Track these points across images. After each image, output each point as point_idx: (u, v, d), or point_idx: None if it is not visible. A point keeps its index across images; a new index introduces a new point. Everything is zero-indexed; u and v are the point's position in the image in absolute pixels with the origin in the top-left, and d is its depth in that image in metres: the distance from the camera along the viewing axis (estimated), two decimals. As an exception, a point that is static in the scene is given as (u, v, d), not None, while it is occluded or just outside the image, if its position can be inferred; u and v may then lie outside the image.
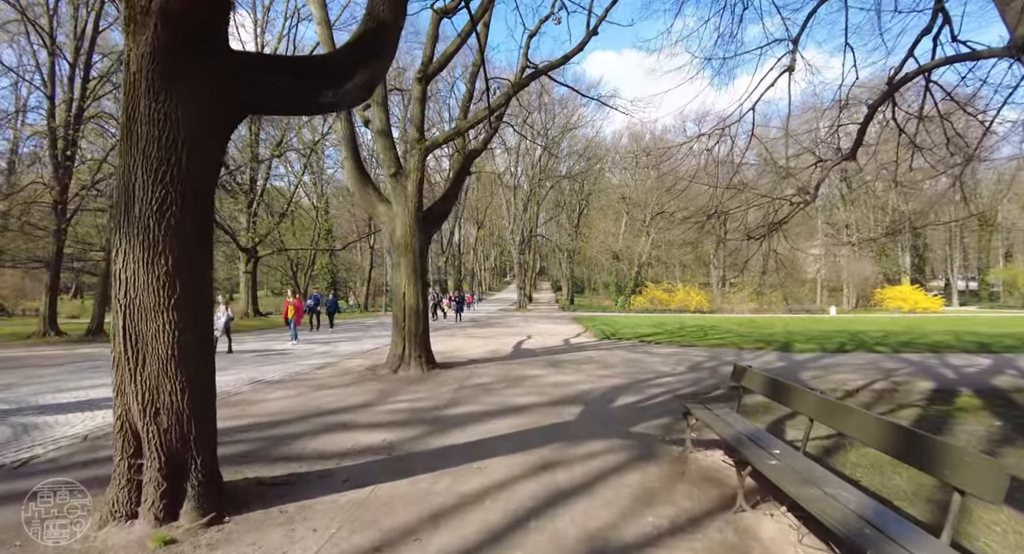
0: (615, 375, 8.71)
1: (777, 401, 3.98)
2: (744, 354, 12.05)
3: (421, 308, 9.07)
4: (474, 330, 19.42)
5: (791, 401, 3.72)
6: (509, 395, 7.04)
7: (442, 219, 10.21)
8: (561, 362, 10.26)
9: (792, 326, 24.39)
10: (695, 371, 9.26)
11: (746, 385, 4.55)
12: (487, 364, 9.94)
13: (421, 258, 9.23)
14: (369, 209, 9.58)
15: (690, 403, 4.94)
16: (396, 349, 9.03)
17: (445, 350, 12.27)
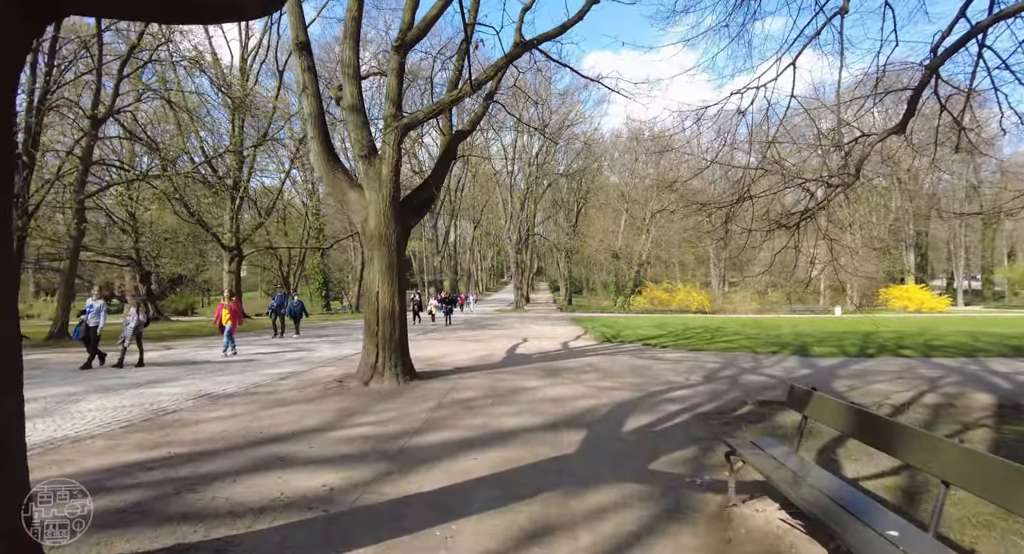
0: (621, 387, 7.51)
1: (870, 444, 2.76)
2: (761, 359, 10.87)
3: (398, 310, 7.85)
4: (466, 333, 18.21)
5: (901, 447, 2.49)
6: (496, 415, 5.83)
7: (423, 208, 9.00)
8: (559, 370, 9.05)
9: (800, 327, 23.27)
10: (712, 381, 8.07)
11: (812, 415, 3.33)
12: (475, 373, 8.73)
13: (398, 252, 8.02)
14: (339, 196, 8.37)
15: (731, 437, 3.74)
16: (368, 357, 7.81)
17: (430, 357, 11.06)
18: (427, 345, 13.61)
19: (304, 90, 8.60)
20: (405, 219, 8.39)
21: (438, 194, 9.16)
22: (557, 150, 52.81)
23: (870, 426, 2.73)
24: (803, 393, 3.43)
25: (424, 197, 8.79)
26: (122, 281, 43.23)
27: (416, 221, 8.99)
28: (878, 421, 2.70)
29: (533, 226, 54.61)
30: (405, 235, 8.38)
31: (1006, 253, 60.84)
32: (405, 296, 8.16)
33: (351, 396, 6.97)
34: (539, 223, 61.51)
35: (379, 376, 7.65)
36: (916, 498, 3.56)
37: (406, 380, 7.75)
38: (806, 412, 3.36)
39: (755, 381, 8.11)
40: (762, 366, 9.82)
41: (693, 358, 11.03)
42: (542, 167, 49.03)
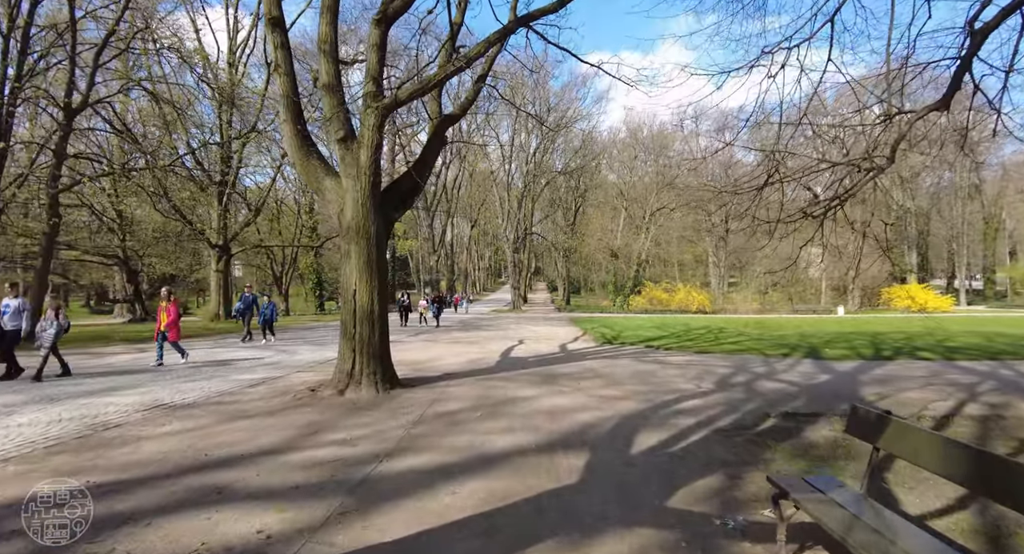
0: (626, 395, 6.73)
1: (993, 498, 1.98)
2: (773, 363, 10.11)
3: (377, 310, 7.06)
4: (460, 334, 17.41)
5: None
6: (485, 432, 5.04)
7: (408, 200, 8.20)
8: (557, 376, 8.27)
9: (803, 327, 22.56)
10: (726, 388, 7.30)
11: (889, 448, 2.54)
12: (464, 380, 7.93)
13: (378, 247, 7.22)
14: (314, 184, 7.57)
15: (781, 479, 2.95)
16: (344, 364, 7.01)
17: (417, 361, 10.27)
18: (416, 348, 12.82)
19: (277, 69, 7.79)
20: (387, 210, 7.60)
21: (424, 183, 8.36)
22: (555, 148, 52.14)
23: (995, 473, 1.94)
24: (874, 419, 2.64)
25: (409, 186, 8.00)
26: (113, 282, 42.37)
27: (400, 213, 8.19)
28: (1012, 469, 1.91)
29: (531, 225, 53.84)
30: (387, 228, 7.58)
31: (1008, 252, 60.32)
32: (386, 295, 7.36)
33: (321, 407, 6.17)
34: (537, 222, 60.72)
35: (355, 384, 6.86)
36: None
37: (386, 389, 6.95)
38: (879, 443, 2.57)
39: (772, 389, 7.34)
40: (776, 371, 9.06)
41: (700, 362, 10.26)
42: (540, 165, 48.25)
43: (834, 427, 5.35)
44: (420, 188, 8.33)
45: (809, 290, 48.81)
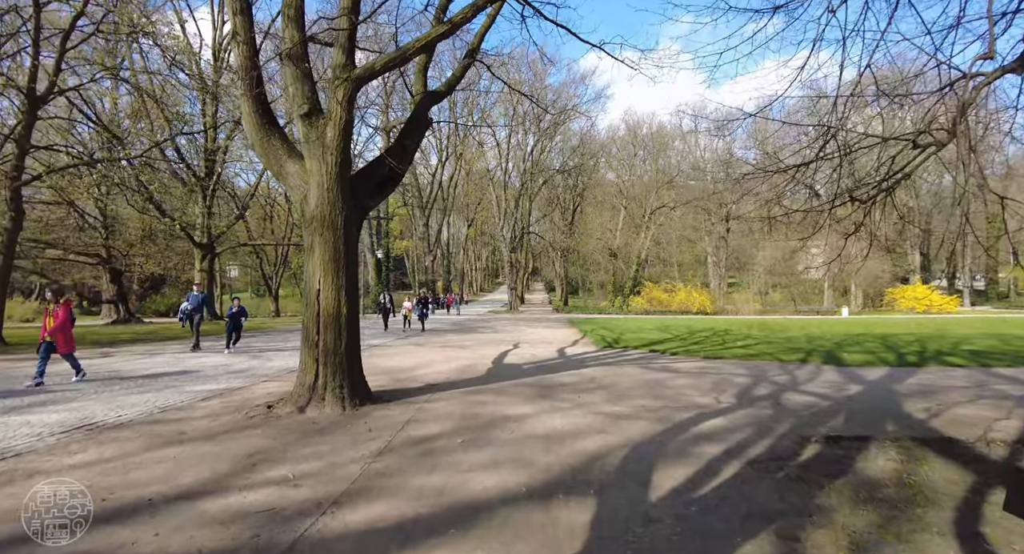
0: (635, 413, 5.75)
1: None
2: (792, 370, 9.15)
3: (345, 313, 6.06)
4: (452, 337, 16.41)
5: None
6: (464, 468, 4.04)
7: (385, 187, 7.19)
8: (555, 388, 7.27)
9: (809, 329, 21.70)
10: (749, 403, 6.32)
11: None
12: (449, 393, 6.92)
13: (347, 239, 6.23)
14: (275, 168, 6.57)
15: None
16: (305, 376, 6.01)
17: (399, 369, 9.26)
18: (401, 354, 11.81)
19: (235, 37, 6.78)
20: (359, 198, 6.60)
21: (404, 169, 7.37)
22: (552, 147, 51.16)
23: None
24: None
25: (385, 172, 7.00)
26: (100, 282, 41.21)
27: (375, 202, 7.18)
28: None
29: (528, 224, 52.85)
30: (358, 218, 6.58)
31: (1011, 252, 59.54)
32: (356, 296, 6.36)
33: (273, 429, 5.17)
34: (534, 222, 59.76)
35: (318, 400, 5.86)
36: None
37: (354, 405, 5.95)
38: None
39: (802, 403, 6.37)
40: (799, 380, 8.10)
41: (713, 369, 9.29)
42: (537, 164, 47.27)
43: (891, 455, 4.39)
44: (399, 175, 7.33)
45: (811, 291, 47.99)
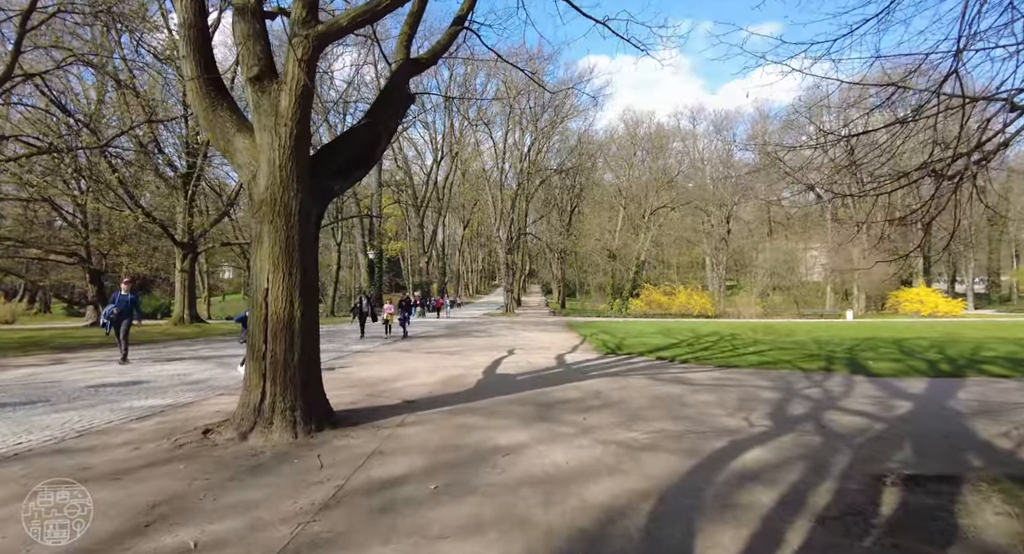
0: (656, 443, 4.67)
1: None
2: (821, 382, 8.11)
3: (299, 319, 4.96)
4: (444, 342, 15.32)
5: None
6: (435, 532, 2.95)
7: (355, 170, 6.09)
8: (554, 406, 6.18)
9: (816, 333, 20.77)
10: (789, 427, 5.25)
11: None
12: (429, 414, 5.82)
13: (302, 229, 5.13)
14: (222, 145, 5.49)
15: None
16: (250, 395, 4.91)
17: (377, 380, 8.15)
18: (384, 361, 10.71)
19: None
20: (321, 180, 5.51)
21: (378, 150, 6.29)
22: (550, 147, 50.14)
23: None
24: None
25: (355, 151, 5.92)
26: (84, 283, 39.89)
27: (342, 186, 6.07)
28: None
29: (525, 225, 51.78)
30: (318, 204, 5.48)
31: (1013, 255, 58.89)
32: (314, 297, 5.27)
33: (201, 464, 4.07)
34: (531, 223, 58.71)
35: (264, 425, 4.76)
36: None
37: (309, 431, 4.85)
38: None
39: (850, 426, 5.31)
40: (833, 395, 7.05)
41: (731, 381, 8.23)
42: (534, 163, 46.23)
43: (996, 504, 3.35)
44: (372, 156, 6.25)
45: (812, 293, 47.09)
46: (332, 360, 10.78)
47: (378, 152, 6.43)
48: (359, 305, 17.25)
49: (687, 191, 49.37)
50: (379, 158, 6.64)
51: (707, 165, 55.05)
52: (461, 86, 45.40)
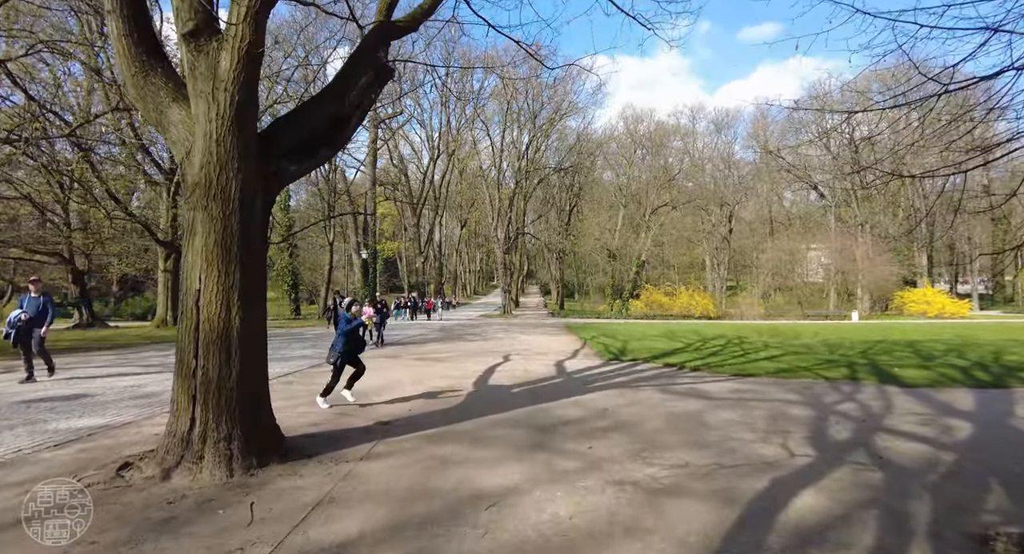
0: (680, 483, 3.74)
1: None
2: (853, 394, 7.20)
3: (238, 327, 4.03)
4: (435, 346, 14.38)
5: None
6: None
7: (316, 151, 5.14)
8: (554, 430, 5.24)
9: (823, 335, 19.97)
10: (837, 457, 4.33)
11: None
12: (402, 441, 4.86)
13: (244, 218, 4.20)
14: (153, 117, 4.56)
15: None
16: (178, 421, 3.97)
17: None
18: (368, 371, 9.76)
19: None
20: (272, 160, 4.57)
21: (348, 132, 5.35)
22: (548, 145, 49.19)
23: None
24: None
25: (319, 127, 4.99)
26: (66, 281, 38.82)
27: (300, 169, 5.11)
28: None
29: (523, 225, 50.84)
30: (268, 189, 4.54)
31: (1016, 255, 58.12)
32: (259, 300, 4.33)
33: (98, 516, 3.14)
34: (530, 222, 57.80)
35: (193, 460, 3.82)
36: None
37: (249, 467, 3.91)
38: None
39: (912, 455, 4.39)
40: (873, 411, 6.14)
41: (752, 393, 7.31)
42: (532, 161, 45.30)
43: None
44: (340, 136, 5.32)
45: (815, 294, 46.27)
46: (309, 368, 9.84)
47: (347, 131, 5.48)
48: (333, 307, 14.78)
49: (688, 190, 48.55)
50: (349, 138, 5.69)
51: (708, 163, 54.24)
52: (458, 82, 44.53)
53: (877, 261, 42.13)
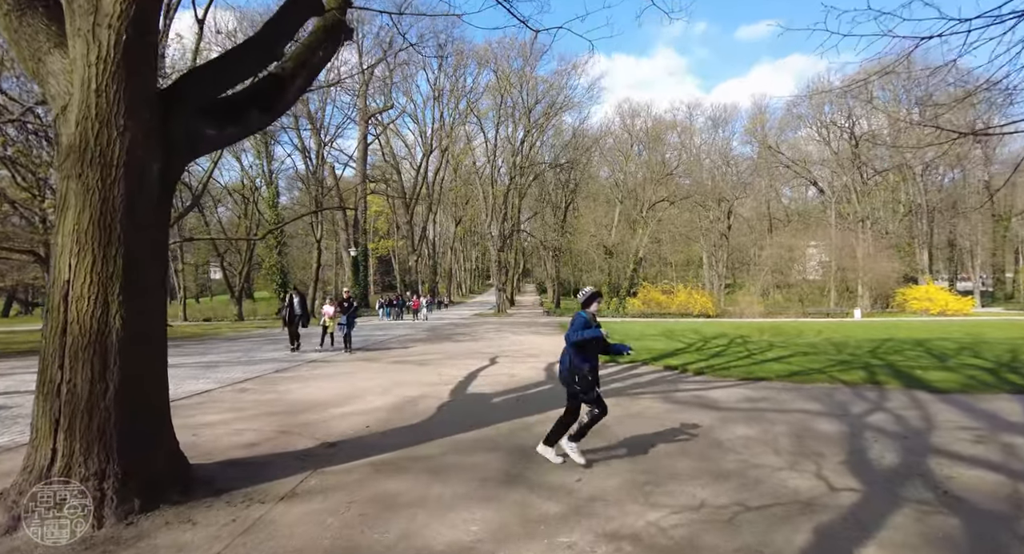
0: (695, 534, 2.82)
1: None
2: (880, 402, 6.32)
3: (117, 329, 3.10)
4: (421, 347, 13.46)
5: None
6: None
7: (247, 112, 4.21)
8: (535, 455, 4.31)
9: (828, 333, 19.18)
10: (884, 486, 3.43)
11: None
12: (343, 472, 3.89)
13: (128, 192, 3.25)
14: (31, 65, 3.60)
15: None
16: (39, 452, 3.02)
17: (308, 403, 6.24)
18: (334, 375, 8.81)
19: None
20: (178, 119, 3.63)
21: (290, 93, 4.42)
22: (544, 141, 48.23)
23: None
24: None
25: (239, 79, 4.06)
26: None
27: (220, 134, 4.12)
28: None
29: (519, 222, 49.86)
30: (171, 156, 3.58)
31: (1016, 251, 57.54)
32: (154, 298, 3.39)
33: None
34: (525, 220, 56.80)
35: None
36: None
37: (127, 513, 2.96)
38: None
39: (984, 488, 3.49)
40: (912, 425, 5.24)
41: (768, 401, 6.43)
42: (527, 157, 44.32)
43: None
44: (279, 96, 4.39)
45: (816, 292, 45.47)
46: (274, 373, 8.90)
47: (287, 93, 4.54)
48: (288, 304, 12.44)
49: (685, 187, 47.73)
50: (290, 102, 4.75)
51: (706, 159, 53.40)
52: (451, 77, 43.56)
53: (878, 258, 41.40)
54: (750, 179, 55.60)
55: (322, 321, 13.08)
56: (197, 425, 5.29)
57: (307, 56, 4.67)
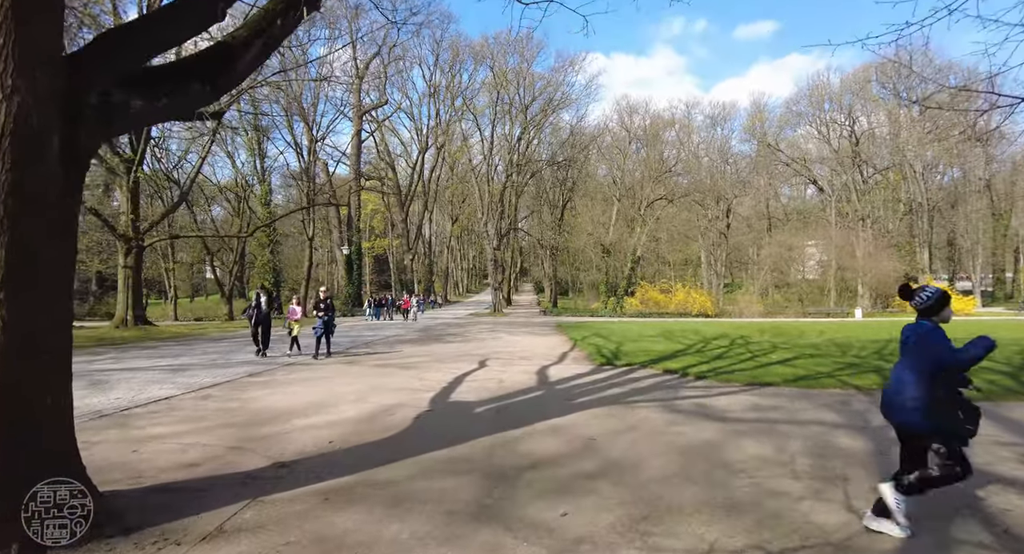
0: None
1: None
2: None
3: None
4: (408, 349, 12.89)
5: None
6: None
7: (184, 86, 3.60)
8: (516, 478, 3.72)
9: (830, 334, 18.67)
10: (924, 518, 2.88)
11: None
12: (286, 504, 3.29)
13: (17, 163, 2.67)
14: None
15: None
16: None
17: (272, 413, 5.67)
18: (310, 380, 8.23)
19: None
20: (85, 82, 3.05)
21: (241, 64, 3.85)
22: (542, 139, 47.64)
23: None
24: None
25: (167, 40, 3.49)
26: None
27: (149, 106, 3.56)
28: None
29: (515, 220, 49.31)
30: (75, 125, 3.00)
31: (1016, 251, 57.18)
32: (52, 288, 2.82)
33: None
34: (522, 218, 56.22)
35: None
36: None
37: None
38: None
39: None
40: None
41: (778, 410, 5.87)
42: (524, 155, 43.73)
43: None
44: (227, 68, 3.81)
45: (815, 291, 44.99)
46: (246, 377, 8.32)
47: (238, 65, 3.96)
48: (255, 304, 11.22)
49: (684, 185, 47.24)
50: (242, 76, 4.18)
51: (705, 157, 52.91)
52: (446, 74, 42.95)
53: (878, 257, 40.93)
54: (749, 177, 55.17)
55: (286, 325, 11.62)
56: (143, 438, 4.72)
57: (264, 24, 4.08)
